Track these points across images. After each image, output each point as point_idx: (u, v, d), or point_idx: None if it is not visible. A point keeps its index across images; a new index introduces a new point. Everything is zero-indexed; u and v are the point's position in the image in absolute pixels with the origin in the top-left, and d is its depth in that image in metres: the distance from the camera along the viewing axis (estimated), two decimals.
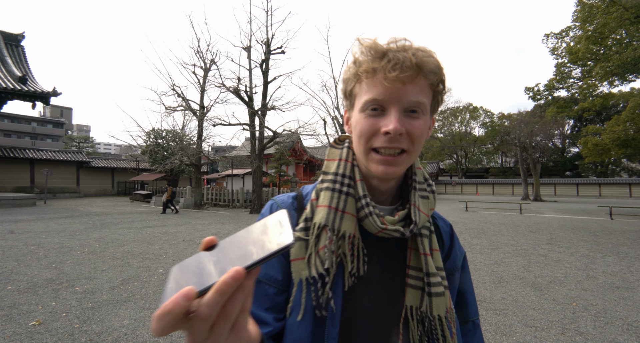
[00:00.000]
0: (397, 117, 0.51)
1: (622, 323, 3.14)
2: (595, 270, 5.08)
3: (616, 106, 40.45)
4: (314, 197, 0.60)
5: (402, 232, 0.55)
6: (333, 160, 0.62)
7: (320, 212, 0.56)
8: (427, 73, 0.51)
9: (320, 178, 0.61)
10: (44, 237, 7.32)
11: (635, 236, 8.36)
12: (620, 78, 12.83)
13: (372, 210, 0.55)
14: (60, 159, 23.77)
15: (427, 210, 0.60)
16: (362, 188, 0.57)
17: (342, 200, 0.56)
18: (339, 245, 0.54)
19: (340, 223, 0.55)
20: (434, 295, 0.55)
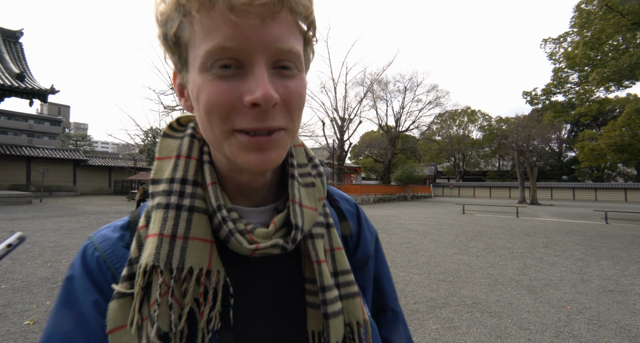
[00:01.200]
0: (265, 75, 0.33)
1: (615, 327, 3.17)
2: (590, 273, 5.12)
3: (612, 111, 40.80)
4: (142, 223, 0.40)
5: (282, 245, 0.40)
6: (167, 159, 0.43)
7: (148, 245, 0.37)
8: (295, 4, 0.33)
9: (151, 191, 0.41)
10: (39, 236, 7.28)
11: (629, 240, 8.42)
12: (617, 84, 12.97)
13: (233, 228, 0.39)
14: (57, 157, 23.65)
15: (315, 202, 0.45)
16: (214, 197, 0.40)
17: (182, 221, 0.38)
18: (184, 290, 0.37)
19: (183, 257, 0.37)
20: (330, 316, 0.42)
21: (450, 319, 3.29)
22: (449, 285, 4.38)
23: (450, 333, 2.99)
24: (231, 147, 0.36)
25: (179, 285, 0.37)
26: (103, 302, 0.38)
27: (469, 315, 3.38)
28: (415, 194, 34.30)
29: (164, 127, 0.47)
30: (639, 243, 8.04)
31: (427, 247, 7.00)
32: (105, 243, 0.42)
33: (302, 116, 0.40)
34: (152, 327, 0.35)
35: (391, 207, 19.93)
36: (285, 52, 0.34)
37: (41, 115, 53.31)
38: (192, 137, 0.44)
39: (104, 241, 0.43)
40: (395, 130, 34.50)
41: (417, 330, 3.05)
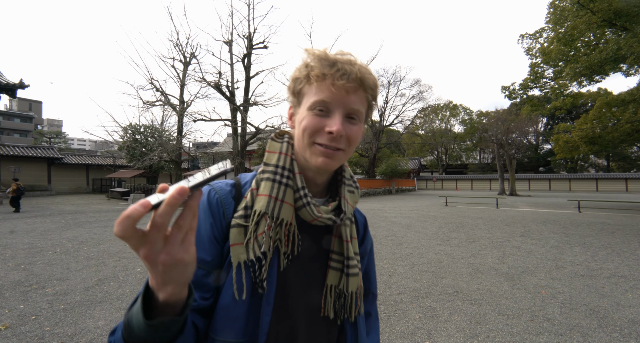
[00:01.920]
0: (340, 120, 0.57)
1: (586, 309, 3.35)
2: (564, 260, 5.37)
3: (585, 105, 42.62)
4: (254, 186, 0.64)
5: (334, 219, 0.63)
6: (274, 153, 0.67)
7: (260, 200, 0.61)
8: (367, 87, 0.60)
9: (261, 169, 0.66)
10: (11, 238, 6.94)
11: (600, 228, 8.89)
12: (588, 78, 13.50)
13: (310, 201, 0.62)
14: (29, 155, 22.50)
15: (353, 203, 0.69)
16: (300, 181, 0.63)
17: (281, 191, 0.61)
18: (277, 231, 0.60)
19: (279, 211, 0.60)
20: (351, 275, 0.66)
21: (433, 308, 3.38)
22: (432, 276, 4.50)
23: (433, 321, 3.08)
24: (311, 151, 0.60)
25: (275, 226, 0.60)
26: (214, 224, 0.60)
27: (451, 304, 3.49)
28: (400, 188, 34.84)
29: (272, 135, 0.71)
30: (608, 230, 8.50)
31: (411, 239, 7.15)
32: (222, 191, 0.65)
33: (355, 147, 0.63)
34: (258, 247, 0.58)
35: (376, 201, 20.18)
36: (355, 110, 0.59)
37: (10, 111, 50.44)
38: (288, 143, 0.68)
39: (222, 189, 0.65)
40: (379, 125, 34.78)
41: (401, 319, 3.12)
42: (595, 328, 2.93)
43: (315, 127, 0.58)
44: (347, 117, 0.59)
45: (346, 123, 0.59)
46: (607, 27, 11.44)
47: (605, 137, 15.77)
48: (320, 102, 0.58)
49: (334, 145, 0.58)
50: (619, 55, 11.13)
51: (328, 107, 0.58)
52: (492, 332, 2.87)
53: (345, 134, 0.58)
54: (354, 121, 0.60)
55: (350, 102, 0.58)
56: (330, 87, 0.57)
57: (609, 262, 5.25)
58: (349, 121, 0.60)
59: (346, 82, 0.56)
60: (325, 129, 0.58)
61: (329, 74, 0.57)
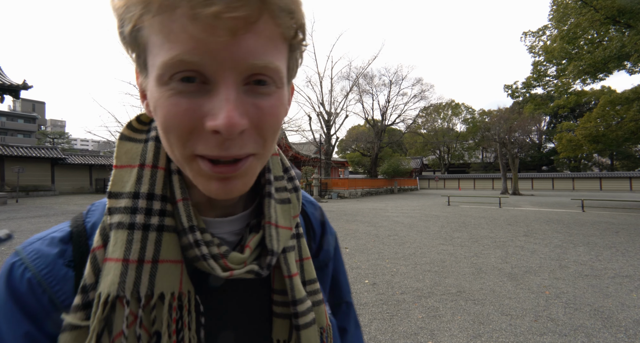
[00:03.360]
0: (232, 97, 0.29)
1: (590, 309, 3.33)
2: (567, 259, 5.34)
3: (588, 103, 42.38)
4: (97, 242, 0.35)
5: (256, 271, 0.39)
6: (128, 167, 0.37)
7: (109, 272, 0.33)
8: (277, 9, 0.28)
9: (108, 205, 0.36)
10: (15, 238, 6.99)
11: (604, 227, 8.83)
12: (592, 76, 13.42)
13: (207, 253, 0.36)
14: (32, 155, 22.66)
15: (290, 221, 0.44)
16: (186, 217, 0.36)
17: (150, 243, 0.34)
18: (154, 317, 0.33)
19: (152, 283, 0.33)
20: (302, 327, 0.42)
21: (436, 308, 3.37)
22: (435, 275, 4.48)
23: (436, 321, 3.07)
24: (193, 171, 0.32)
25: (147, 313, 0.33)
26: (37, 332, 0.32)
27: (454, 304, 3.48)
28: (402, 187, 34.79)
29: (123, 127, 0.40)
30: (612, 229, 8.44)
31: (414, 239, 7.13)
32: (40, 262, 0.35)
33: (277, 137, 0.35)
34: None
35: (378, 200, 20.16)
36: (260, 68, 0.29)
37: (14, 112, 50.80)
38: (158, 140, 0.38)
39: (38, 258, 0.35)
40: (381, 124, 34.75)
41: (404, 319, 3.11)
42: (600, 328, 2.91)
43: (184, 122, 0.29)
44: (248, 85, 0.30)
45: (248, 97, 0.30)
46: (610, 24, 11.36)
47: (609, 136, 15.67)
48: (179, 63, 0.28)
49: (231, 154, 0.30)
50: (623, 52, 11.05)
51: (199, 70, 0.28)
52: (496, 332, 2.86)
53: (251, 120, 0.30)
54: (263, 88, 0.31)
55: (244, 51, 0.28)
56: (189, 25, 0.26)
57: (614, 261, 5.22)
58: (253, 91, 0.30)
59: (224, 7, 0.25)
60: (206, 124, 0.29)
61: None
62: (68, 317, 0.32)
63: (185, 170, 0.33)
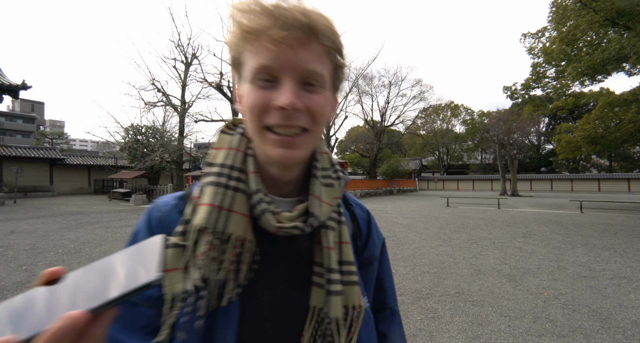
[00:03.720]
0: (291, 88, 0.44)
1: (588, 310, 3.33)
2: (566, 261, 5.34)
3: (587, 105, 42.50)
4: (196, 194, 0.51)
5: (301, 228, 0.49)
6: (221, 149, 0.53)
7: (200, 211, 0.47)
8: (321, 36, 0.44)
9: (205, 171, 0.52)
10: (13, 238, 6.97)
11: (602, 228, 8.84)
12: (590, 78, 13.45)
13: (266, 208, 0.48)
14: (31, 155, 22.60)
15: (332, 199, 0.54)
16: (254, 182, 0.50)
17: (228, 197, 0.48)
18: (223, 250, 0.46)
19: (226, 225, 0.46)
20: (332, 293, 0.49)
21: (434, 309, 3.37)
22: (433, 276, 4.48)
23: (434, 322, 3.07)
24: (263, 139, 0.47)
25: (219, 245, 0.46)
26: None
27: (452, 305, 3.48)
28: (401, 188, 34.80)
29: (222, 125, 0.58)
30: (610, 230, 8.46)
31: (413, 240, 7.13)
32: (166, 207, 0.54)
33: (324, 125, 0.49)
34: (197, 272, 0.44)
35: (378, 201, 20.16)
36: (310, 72, 0.45)
37: (13, 112, 50.68)
38: (242, 135, 0.54)
39: (165, 205, 0.54)
40: (380, 125, 34.78)
41: (402, 321, 3.10)
42: (598, 329, 2.92)
43: (262, 103, 0.44)
44: (303, 85, 0.45)
45: (303, 92, 0.45)
46: (609, 26, 11.40)
47: (607, 137, 15.70)
48: (261, 68, 0.44)
49: (291, 124, 0.45)
50: (622, 54, 11.08)
51: (273, 73, 0.44)
52: (494, 333, 2.86)
53: (303, 105, 0.45)
54: (312, 88, 0.46)
55: (300, 60, 0.44)
56: (268, 44, 0.42)
57: (612, 263, 5.22)
58: (306, 90, 0.45)
59: (287, 32, 0.42)
60: (274, 104, 0.44)
61: (263, 28, 0.42)
62: (172, 238, 0.47)
63: (258, 141, 0.48)
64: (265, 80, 0.45)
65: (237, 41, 0.46)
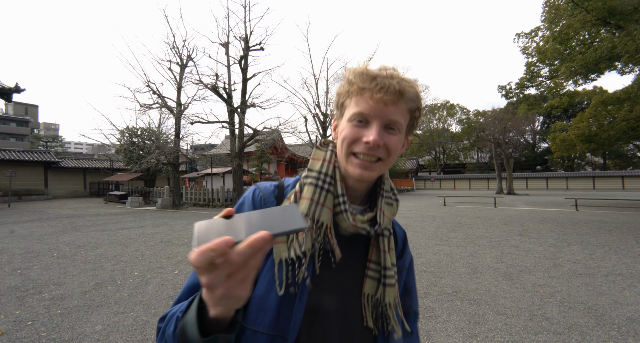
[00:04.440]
0: (377, 130, 0.60)
1: (584, 307, 3.36)
2: (562, 258, 5.38)
3: (581, 103, 42.83)
4: (297, 189, 0.68)
5: (368, 230, 0.65)
6: (318, 160, 0.70)
7: (303, 202, 0.64)
8: (407, 100, 0.61)
9: (305, 174, 0.69)
10: (7, 242, 6.89)
11: (597, 226, 8.92)
12: (584, 77, 13.58)
13: (347, 208, 0.63)
14: (25, 159, 22.37)
15: (390, 215, 0.70)
16: (341, 188, 0.66)
17: (322, 196, 0.64)
18: (317, 233, 0.62)
19: (320, 215, 0.62)
20: (387, 285, 0.65)
21: (432, 308, 3.38)
22: (431, 276, 4.50)
23: (432, 321, 3.08)
24: (350, 164, 0.64)
25: (315, 228, 0.62)
26: None
27: (450, 304, 3.49)
28: (398, 188, 34.88)
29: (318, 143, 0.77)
30: (605, 228, 8.54)
31: (410, 239, 7.15)
32: (267, 190, 0.71)
33: (395, 158, 0.65)
34: (299, 246, 0.60)
35: None
36: (393, 121, 0.61)
37: (6, 116, 50.14)
38: (332, 152, 0.71)
39: (265, 188, 0.72)
40: None
41: None
42: (594, 326, 2.94)
43: (354, 137, 0.62)
44: (385, 128, 0.61)
45: (384, 133, 0.61)
46: (601, 25, 11.51)
47: (601, 135, 15.85)
48: (359, 114, 0.61)
49: (371, 154, 0.61)
50: (614, 53, 11.20)
51: (367, 118, 0.61)
52: (491, 331, 2.87)
53: (383, 143, 0.61)
54: (392, 131, 0.62)
55: (388, 113, 0.60)
56: (369, 100, 0.60)
57: (607, 260, 5.27)
58: (387, 131, 0.62)
59: (384, 95, 0.59)
60: (363, 139, 0.61)
61: (367, 88, 0.60)
62: None
63: (345, 161, 0.65)
64: (359, 121, 0.62)
65: (347, 92, 0.64)
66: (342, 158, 0.65)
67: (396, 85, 0.59)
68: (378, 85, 0.59)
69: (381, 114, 0.60)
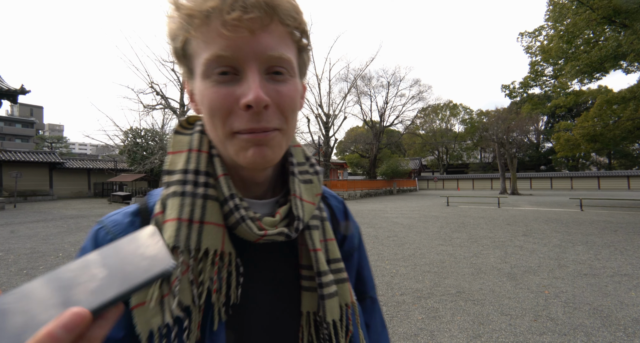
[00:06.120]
0: (257, 79, 0.37)
1: (589, 308, 3.33)
2: (566, 259, 5.35)
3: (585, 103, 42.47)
4: (158, 209, 0.43)
5: (286, 233, 0.45)
6: (179, 152, 0.46)
7: (167, 229, 0.40)
8: (284, 16, 0.37)
9: (165, 181, 0.44)
10: (13, 242, 6.96)
11: (602, 226, 8.85)
12: (589, 76, 13.48)
13: (245, 214, 0.43)
14: (30, 160, 22.60)
15: (313, 197, 0.50)
16: (226, 187, 0.43)
17: (198, 207, 0.42)
18: (201, 269, 0.41)
19: (199, 240, 0.41)
20: (326, 297, 0.47)
21: (435, 309, 3.37)
22: (434, 276, 4.48)
23: (436, 322, 3.07)
24: (232, 146, 0.40)
25: (196, 264, 0.40)
26: None
27: (453, 304, 3.48)
28: (401, 188, 34.80)
29: (175, 125, 0.50)
30: (611, 228, 8.46)
31: (413, 240, 7.13)
32: (117, 228, 0.45)
33: (296, 118, 0.44)
34: (174, 301, 0.38)
35: (378, 202, 20.15)
36: (276, 58, 0.38)
37: (12, 117, 50.73)
38: (202, 133, 0.47)
39: (116, 226, 0.45)
40: (379, 125, 34.79)
41: (404, 320, 3.11)
42: (599, 327, 2.92)
43: (223, 103, 0.38)
44: (268, 74, 0.39)
45: (269, 83, 0.39)
46: (606, 24, 11.44)
47: (606, 135, 15.73)
48: (216, 59, 0.37)
49: (261, 126, 0.38)
50: (619, 52, 11.12)
51: (232, 64, 0.37)
52: (495, 332, 2.86)
53: (272, 100, 0.38)
54: (280, 77, 0.40)
55: (262, 45, 0.37)
56: (221, 29, 0.36)
57: (612, 260, 5.22)
58: (273, 79, 0.39)
59: (243, 13, 0.35)
60: (240, 102, 0.37)
61: (211, 8, 0.35)
62: None
63: (227, 147, 0.41)
64: (223, 73, 0.38)
65: (180, 28, 0.38)
66: (220, 143, 0.42)
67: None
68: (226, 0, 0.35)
69: (252, 50, 0.37)
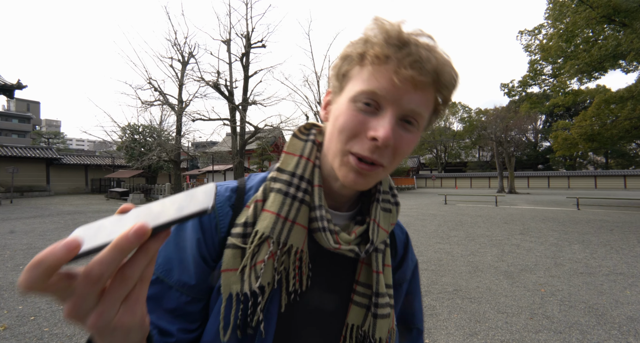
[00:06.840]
0: (391, 122, 0.42)
1: (585, 306, 3.35)
2: (563, 257, 5.38)
3: (583, 102, 42.62)
4: (259, 196, 0.50)
5: (356, 252, 0.50)
6: (292, 155, 0.52)
7: (265, 218, 0.47)
8: (441, 86, 0.43)
9: (274, 176, 0.51)
10: (9, 238, 6.93)
11: (599, 225, 8.90)
12: (587, 75, 13.50)
13: (327, 226, 0.48)
14: (27, 155, 22.45)
15: (387, 226, 0.54)
16: (318, 197, 0.49)
17: (294, 209, 0.48)
18: (282, 260, 0.47)
19: (288, 236, 0.47)
20: (379, 316, 0.50)
21: (433, 307, 3.38)
22: (432, 274, 4.50)
23: (432, 320, 3.08)
24: (341, 161, 0.45)
25: (280, 255, 0.47)
26: (203, 241, 0.48)
27: (450, 302, 3.49)
28: (400, 186, 34.87)
29: (295, 129, 0.56)
30: (607, 227, 8.52)
31: (411, 238, 7.14)
32: (219, 198, 0.52)
33: (402, 161, 0.49)
34: (255, 278, 0.45)
35: None
36: (415, 112, 0.43)
37: (8, 112, 50.28)
38: (313, 142, 0.53)
39: (218, 195, 0.52)
40: None
41: None
42: (594, 325, 2.94)
43: (355, 127, 0.43)
44: (401, 121, 0.43)
45: (399, 129, 0.43)
46: (606, 23, 11.43)
47: (603, 134, 15.77)
48: (370, 93, 0.42)
49: (373, 159, 0.43)
50: (619, 51, 11.13)
51: (379, 101, 0.42)
52: (492, 330, 2.87)
53: (395, 142, 0.43)
54: (410, 127, 0.44)
55: (411, 100, 0.42)
56: (392, 75, 0.40)
57: (608, 259, 5.26)
58: (402, 126, 0.44)
59: (417, 73, 0.40)
60: (369, 133, 0.42)
61: (394, 57, 0.40)
62: (231, 239, 0.47)
63: (335, 159, 0.46)
64: (367, 104, 0.43)
65: (357, 57, 0.43)
66: (333, 154, 0.47)
67: (432, 60, 0.41)
68: (411, 56, 0.40)
69: (402, 100, 0.42)
